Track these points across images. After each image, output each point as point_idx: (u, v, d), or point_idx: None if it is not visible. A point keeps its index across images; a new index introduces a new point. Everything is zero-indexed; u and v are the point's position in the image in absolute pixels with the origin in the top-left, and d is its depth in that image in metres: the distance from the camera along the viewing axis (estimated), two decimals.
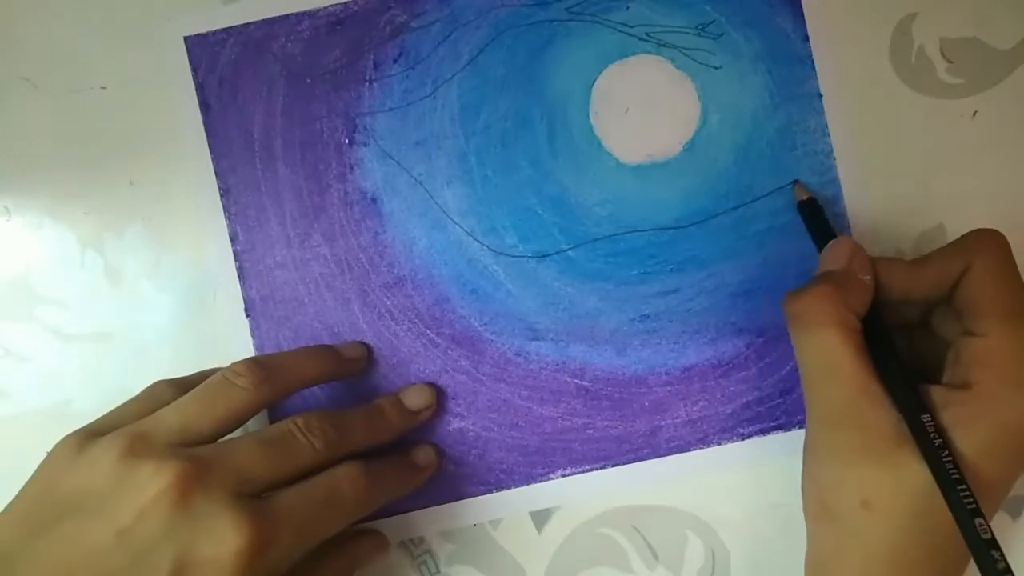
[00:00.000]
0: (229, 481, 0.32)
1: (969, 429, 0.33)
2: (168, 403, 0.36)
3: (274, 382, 0.37)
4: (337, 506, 0.35)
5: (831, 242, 0.37)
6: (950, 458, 0.32)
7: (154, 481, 0.31)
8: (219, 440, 0.35)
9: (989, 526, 0.31)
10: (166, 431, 0.34)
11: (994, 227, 0.41)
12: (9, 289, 0.42)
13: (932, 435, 0.32)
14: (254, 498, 0.33)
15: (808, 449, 0.37)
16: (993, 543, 0.30)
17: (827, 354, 0.34)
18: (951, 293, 0.36)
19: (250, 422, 0.37)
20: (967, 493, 0.31)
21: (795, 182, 0.41)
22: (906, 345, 0.39)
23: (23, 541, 0.32)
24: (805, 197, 0.40)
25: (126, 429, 0.34)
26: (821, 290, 0.35)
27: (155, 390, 0.37)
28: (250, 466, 0.33)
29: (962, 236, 0.36)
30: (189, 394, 0.36)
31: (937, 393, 0.34)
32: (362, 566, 0.40)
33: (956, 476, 0.31)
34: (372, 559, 0.40)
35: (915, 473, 0.33)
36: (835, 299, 0.35)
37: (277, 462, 0.34)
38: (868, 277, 0.36)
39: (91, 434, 0.34)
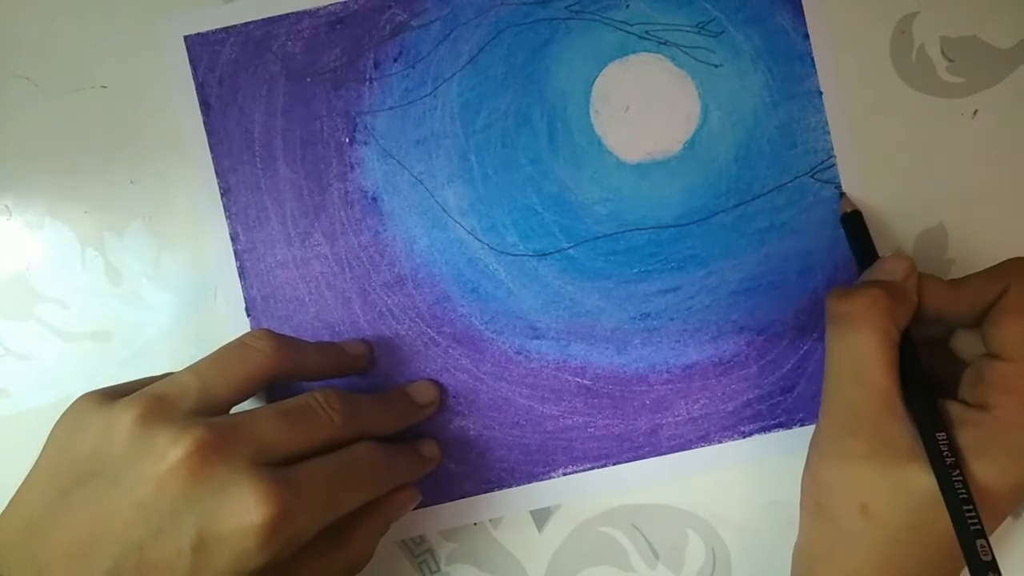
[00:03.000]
0: (250, 450, 0.32)
1: (983, 450, 0.33)
2: None
3: (289, 354, 0.36)
4: (356, 481, 0.35)
5: (892, 255, 0.38)
6: (960, 477, 0.32)
7: (173, 450, 0.31)
8: (235, 409, 0.35)
9: (991, 547, 0.31)
10: (184, 395, 0.33)
11: (994, 226, 0.41)
12: (9, 288, 0.42)
13: (945, 453, 0.32)
14: (275, 468, 0.32)
15: (815, 445, 0.37)
16: (992, 565, 0.31)
17: (863, 358, 0.34)
18: (982, 315, 0.36)
19: (246, 403, 0.37)
20: (973, 514, 0.31)
21: (843, 194, 0.41)
22: (925, 360, 0.39)
23: (50, 505, 0.32)
24: (851, 210, 0.40)
25: (145, 391, 0.33)
26: (875, 293, 0.35)
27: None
28: (270, 436, 0.33)
29: (1002, 261, 0.36)
30: (207, 357, 0.35)
31: (955, 409, 0.34)
32: (397, 519, 0.39)
33: (964, 496, 0.32)
34: (406, 511, 0.40)
35: (918, 486, 0.33)
36: (886, 307, 0.35)
37: (297, 433, 0.34)
38: (916, 298, 0.36)
39: (110, 394, 0.34)
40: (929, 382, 0.35)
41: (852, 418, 0.35)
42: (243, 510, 0.31)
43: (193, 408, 0.33)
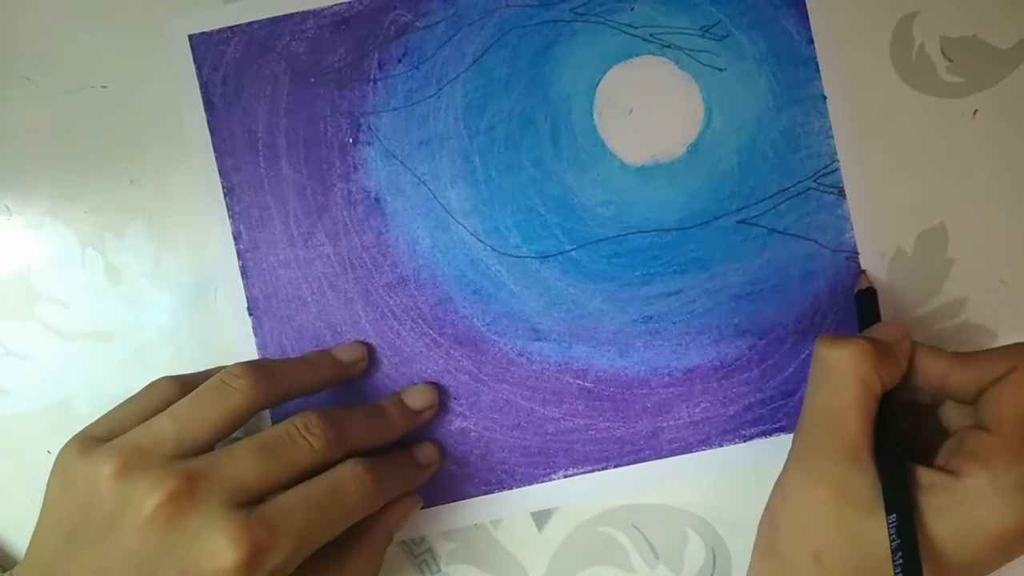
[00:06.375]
0: (223, 492, 0.33)
1: (947, 516, 0.33)
2: (169, 401, 0.36)
3: (271, 385, 0.37)
4: (341, 504, 0.35)
5: (890, 321, 0.38)
6: (916, 537, 0.32)
7: (149, 499, 0.32)
8: (218, 445, 0.35)
9: None
10: (161, 442, 0.34)
11: (994, 226, 0.41)
12: (10, 288, 0.42)
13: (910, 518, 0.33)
14: (250, 505, 0.33)
15: (779, 487, 0.37)
16: None
17: (841, 405, 0.35)
18: (980, 391, 0.36)
19: (251, 421, 0.37)
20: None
21: (863, 271, 0.41)
22: (908, 424, 0.39)
23: (58, 554, 0.33)
24: (867, 287, 0.40)
25: (122, 441, 0.34)
26: (864, 344, 0.35)
27: (157, 387, 0.38)
28: (244, 474, 0.34)
29: (1014, 343, 0.36)
30: (185, 399, 0.36)
31: (925, 475, 0.34)
32: (399, 529, 0.40)
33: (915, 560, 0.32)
34: (407, 520, 0.40)
35: (873, 540, 0.33)
36: (873, 360, 0.35)
37: (273, 467, 0.34)
38: (905, 363, 0.36)
39: (90, 440, 0.35)
40: (905, 444, 0.35)
41: (819, 463, 0.35)
42: (217, 554, 0.32)
43: (170, 453, 0.34)
